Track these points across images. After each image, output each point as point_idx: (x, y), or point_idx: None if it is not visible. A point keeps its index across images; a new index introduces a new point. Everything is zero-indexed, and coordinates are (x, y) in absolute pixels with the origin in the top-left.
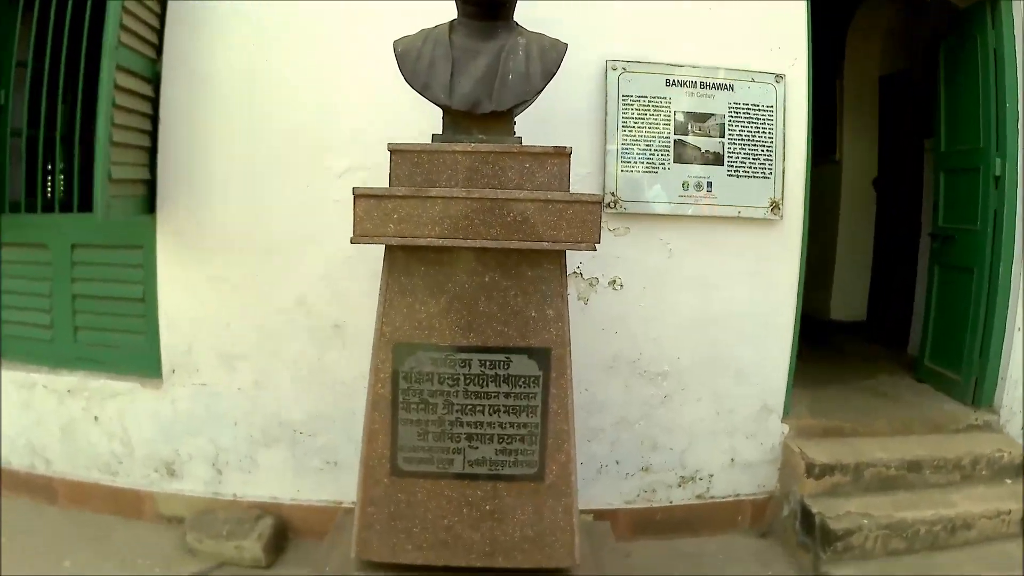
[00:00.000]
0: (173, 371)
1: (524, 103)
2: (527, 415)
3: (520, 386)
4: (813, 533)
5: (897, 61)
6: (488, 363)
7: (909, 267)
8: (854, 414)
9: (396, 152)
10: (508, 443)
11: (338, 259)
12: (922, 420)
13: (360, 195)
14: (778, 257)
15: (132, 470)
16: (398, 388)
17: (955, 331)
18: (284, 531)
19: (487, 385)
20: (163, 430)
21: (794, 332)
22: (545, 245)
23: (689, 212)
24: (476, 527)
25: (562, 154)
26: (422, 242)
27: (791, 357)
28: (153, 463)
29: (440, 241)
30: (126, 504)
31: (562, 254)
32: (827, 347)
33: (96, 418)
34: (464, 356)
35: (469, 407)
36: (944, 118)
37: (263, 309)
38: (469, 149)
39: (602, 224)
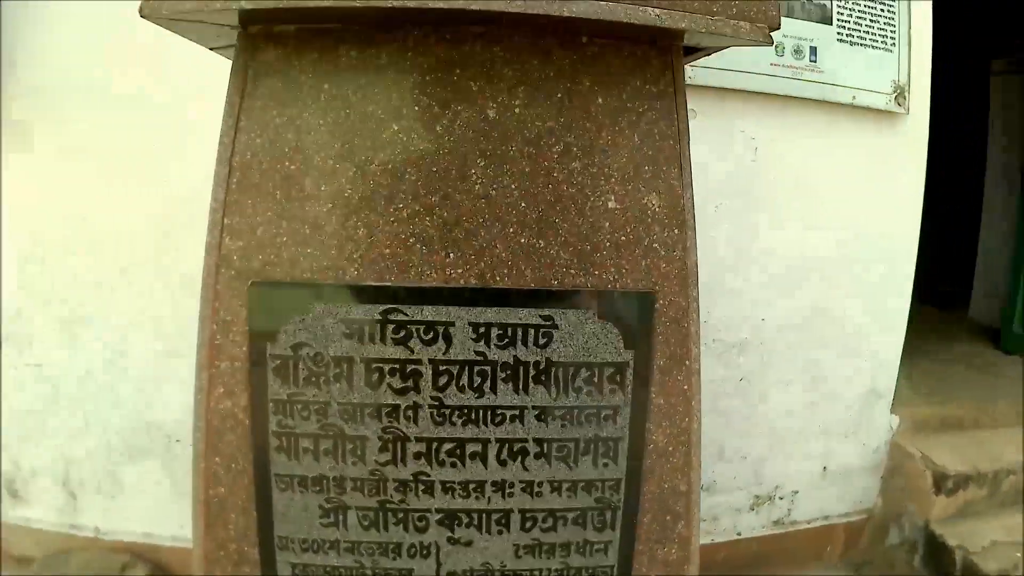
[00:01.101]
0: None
1: None
2: (596, 460)
3: (580, 390)
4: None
5: None
6: (498, 332)
7: (969, 215)
8: (965, 397)
9: None
10: (547, 528)
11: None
12: None
13: None
14: (899, 170)
15: None
16: (266, 396)
17: None
18: None
19: (492, 390)
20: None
21: (913, 281)
22: (652, 16)
23: (785, 90)
24: None
25: None
26: None
27: (907, 319)
28: None
29: None
30: None
31: (677, 53)
32: None
33: None
34: (435, 314)
35: (448, 444)
36: None
37: (118, 239)
38: None
39: None
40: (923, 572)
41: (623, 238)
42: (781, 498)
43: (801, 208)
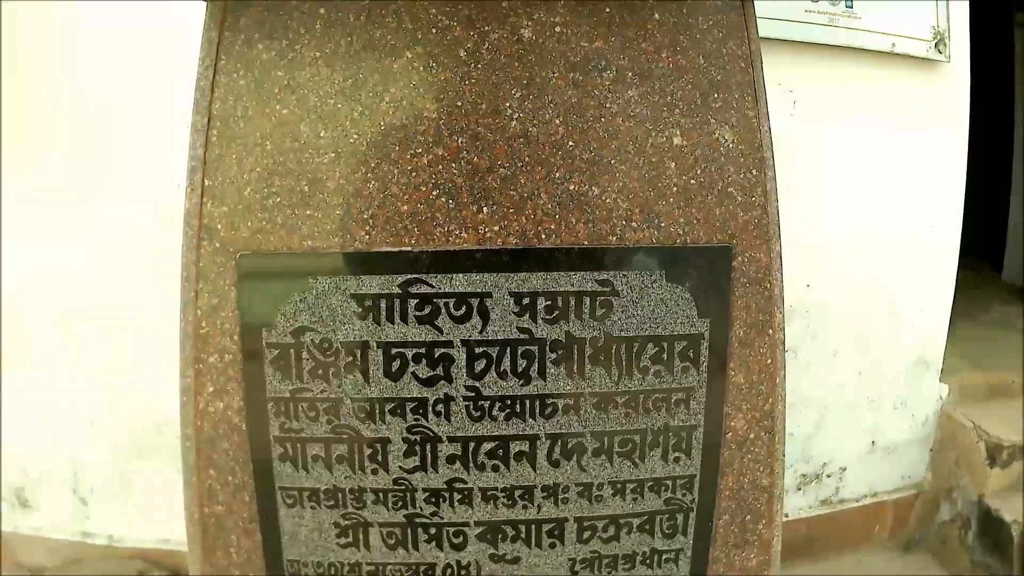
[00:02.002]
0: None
1: None
2: (665, 454)
3: (646, 370)
4: (1005, 552)
5: None
6: (545, 302)
7: (999, 173)
8: (1010, 362)
9: None
10: (608, 537)
11: None
12: None
13: None
14: (942, 122)
15: None
16: (264, 394)
17: None
18: None
19: (540, 375)
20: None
21: (959, 243)
22: None
23: (822, 38)
24: None
25: None
26: None
27: (954, 282)
28: (1, 491)
29: None
30: None
31: None
32: None
33: None
34: (467, 284)
35: (488, 444)
36: None
37: (114, 231)
38: None
39: None
40: (977, 548)
41: (692, 182)
42: (828, 476)
43: (843, 164)
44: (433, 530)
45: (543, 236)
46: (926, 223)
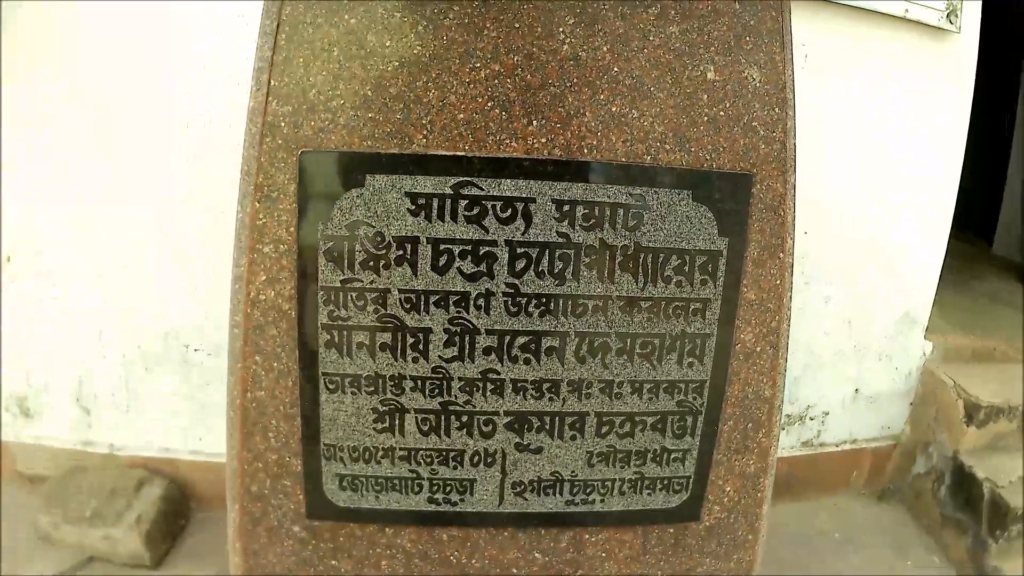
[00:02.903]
0: (9, 258)
1: None
2: (681, 359)
3: (669, 280)
4: (976, 508)
5: None
6: (583, 211)
7: (998, 147)
8: (995, 330)
9: None
10: (624, 433)
11: None
12: None
13: None
14: (946, 92)
15: None
16: (316, 283)
17: None
18: (183, 501)
19: (574, 276)
20: (6, 348)
21: (954, 209)
22: None
23: None
24: None
25: None
26: None
27: (946, 245)
28: (3, 399)
29: None
30: None
31: None
32: None
33: None
34: (514, 189)
35: (522, 338)
36: None
37: (133, 135)
38: None
39: None
40: (948, 503)
41: (721, 113)
42: (812, 419)
43: (847, 120)
44: (465, 418)
45: (585, 151)
46: (924, 185)
